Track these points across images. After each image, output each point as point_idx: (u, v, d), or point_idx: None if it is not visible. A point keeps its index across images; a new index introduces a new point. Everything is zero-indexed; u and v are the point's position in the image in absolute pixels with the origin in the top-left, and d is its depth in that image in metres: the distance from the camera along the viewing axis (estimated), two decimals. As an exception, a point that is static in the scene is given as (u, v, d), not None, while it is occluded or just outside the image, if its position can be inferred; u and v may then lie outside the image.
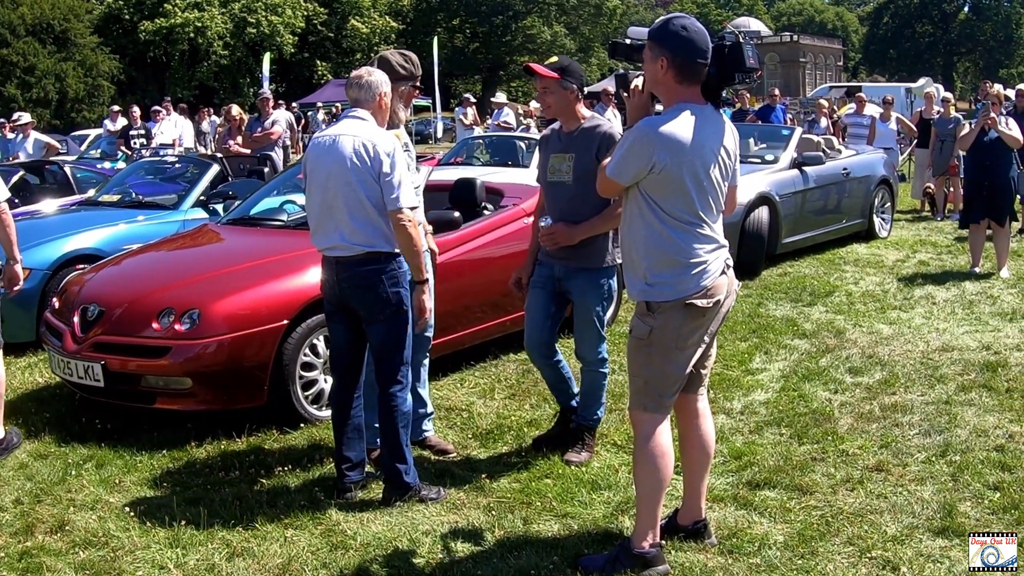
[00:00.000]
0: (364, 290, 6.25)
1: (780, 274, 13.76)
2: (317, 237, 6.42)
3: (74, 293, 8.54)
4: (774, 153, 15.62)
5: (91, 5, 67.47)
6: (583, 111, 6.93)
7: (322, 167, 6.29)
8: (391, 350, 6.40)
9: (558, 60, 6.93)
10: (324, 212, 6.30)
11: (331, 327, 6.61)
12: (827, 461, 6.90)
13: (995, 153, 13.20)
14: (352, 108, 6.48)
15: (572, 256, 6.87)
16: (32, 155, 19.53)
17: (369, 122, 6.37)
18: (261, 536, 5.94)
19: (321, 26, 75.59)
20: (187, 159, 15.62)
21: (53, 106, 59.94)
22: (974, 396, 8.27)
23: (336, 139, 6.28)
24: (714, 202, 5.14)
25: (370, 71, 6.58)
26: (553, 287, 7.07)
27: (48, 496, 6.68)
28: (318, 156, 6.34)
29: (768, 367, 9.25)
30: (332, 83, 63.16)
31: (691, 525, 5.65)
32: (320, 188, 6.30)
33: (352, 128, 6.32)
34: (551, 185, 6.97)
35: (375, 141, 6.22)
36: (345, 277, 6.29)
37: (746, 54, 5.14)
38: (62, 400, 8.75)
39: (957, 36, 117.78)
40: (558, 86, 6.79)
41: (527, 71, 6.92)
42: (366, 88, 6.47)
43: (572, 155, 6.79)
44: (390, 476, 6.42)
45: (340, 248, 6.26)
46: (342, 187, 6.19)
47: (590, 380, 7.15)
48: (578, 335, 7.14)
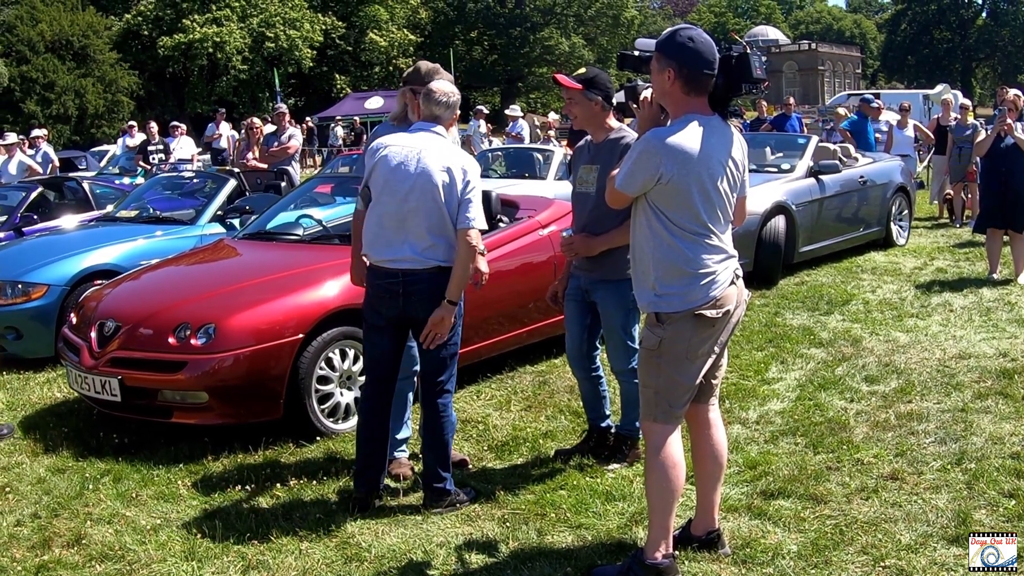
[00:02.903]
0: (434, 303, 6.26)
1: (797, 283, 13.73)
2: (378, 247, 6.41)
3: (91, 308, 8.59)
4: (790, 162, 15.58)
5: (110, 21, 67.72)
6: (611, 122, 6.96)
7: (402, 180, 6.29)
8: (447, 362, 6.48)
9: (586, 71, 6.97)
10: (396, 224, 6.31)
11: (374, 338, 6.59)
12: (842, 470, 6.89)
13: (1011, 159, 13.11)
14: (429, 123, 6.49)
15: (594, 267, 6.91)
16: (15, 176, 19.36)
17: (447, 139, 6.44)
18: (276, 549, 5.96)
19: (339, 40, 75.72)
20: (204, 174, 15.67)
21: (73, 122, 60.19)
22: (990, 403, 8.25)
23: (422, 154, 6.30)
24: (722, 213, 5.15)
25: (454, 90, 6.60)
26: (583, 298, 7.13)
27: (65, 510, 6.71)
28: (396, 168, 6.33)
29: (784, 376, 9.23)
30: (351, 97, 63.24)
31: (704, 535, 5.65)
32: (398, 200, 6.30)
33: (436, 144, 6.36)
34: (578, 196, 7.04)
35: (465, 163, 6.34)
36: (416, 290, 6.30)
37: (753, 65, 5.16)
38: (80, 415, 8.79)
39: (975, 42, 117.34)
40: (582, 97, 6.82)
41: (555, 82, 6.99)
42: (452, 108, 6.54)
43: (597, 166, 6.82)
44: (434, 484, 6.47)
45: (409, 260, 6.28)
46: (426, 202, 6.23)
47: (625, 390, 7.15)
48: (608, 346, 7.17)
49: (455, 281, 6.25)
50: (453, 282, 6.25)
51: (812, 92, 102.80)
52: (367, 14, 77.07)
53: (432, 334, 6.28)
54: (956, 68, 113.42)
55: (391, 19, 78.65)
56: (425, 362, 6.50)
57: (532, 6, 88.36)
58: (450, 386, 6.53)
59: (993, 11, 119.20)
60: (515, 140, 25.76)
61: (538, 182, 16.61)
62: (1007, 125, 12.85)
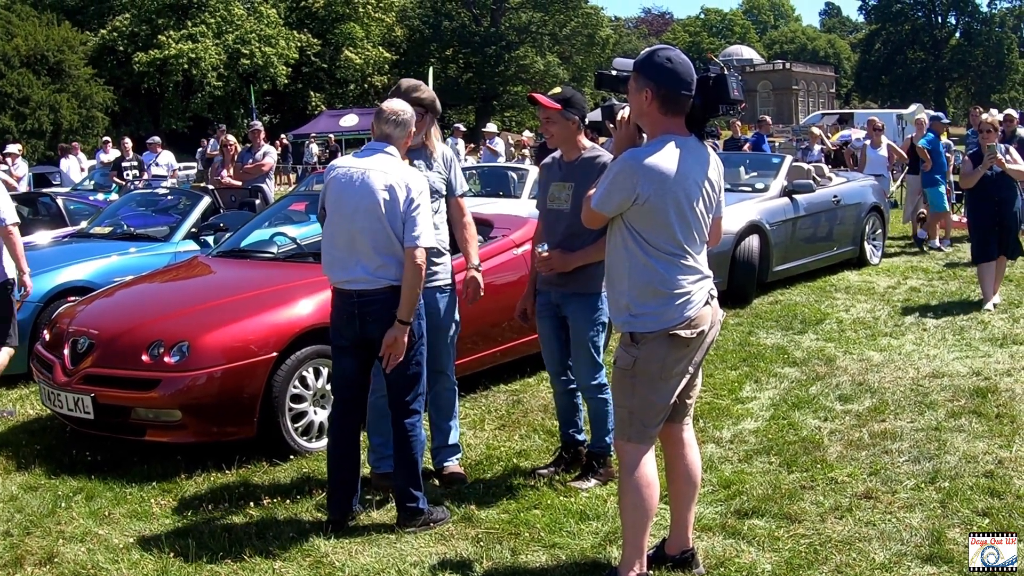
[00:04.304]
0: (389, 322, 6.24)
1: (771, 302, 13.76)
2: (334, 270, 6.42)
3: (64, 325, 8.55)
4: (764, 181, 15.66)
5: (85, 36, 67.51)
6: (584, 141, 7.00)
7: (349, 201, 6.29)
8: (412, 381, 6.47)
9: (561, 91, 6.99)
10: (346, 245, 6.31)
11: (340, 360, 6.59)
12: (816, 489, 6.90)
13: (1002, 187, 12.87)
14: (381, 143, 6.47)
15: (566, 282, 6.92)
16: None
17: (397, 158, 6.42)
18: (249, 568, 5.94)
19: (315, 57, 75.71)
20: (179, 191, 15.63)
21: (47, 137, 59.84)
22: (964, 422, 8.28)
23: (366, 174, 6.29)
24: (698, 233, 5.16)
25: (405, 108, 6.57)
26: (555, 313, 7.15)
27: (38, 528, 6.67)
28: (343, 189, 6.34)
29: (758, 395, 9.25)
30: (325, 114, 63.26)
31: (679, 555, 5.65)
32: (346, 221, 6.31)
33: (383, 164, 6.34)
34: (550, 213, 7.04)
35: (407, 179, 6.30)
36: (370, 311, 6.29)
37: (730, 86, 5.18)
38: (53, 432, 8.74)
39: (949, 62, 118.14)
40: (560, 116, 6.85)
41: (531, 101, 7.02)
42: (403, 126, 6.50)
43: (571, 184, 6.84)
44: (407, 503, 6.46)
45: (362, 281, 6.27)
46: (372, 222, 6.22)
47: (592, 408, 7.19)
48: (574, 362, 7.18)
49: (405, 301, 6.23)
50: (403, 302, 6.23)
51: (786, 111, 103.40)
52: (343, 31, 77.10)
53: (387, 355, 6.27)
54: (930, 88, 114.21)
55: (367, 37, 78.69)
56: (390, 383, 6.50)
57: (507, 25, 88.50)
58: (417, 405, 6.50)
59: (966, 31, 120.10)
60: (493, 155, 25.79)
61: (512, 201, 16.59)
62: (998, 160, 12.53)
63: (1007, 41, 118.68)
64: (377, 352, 6.37)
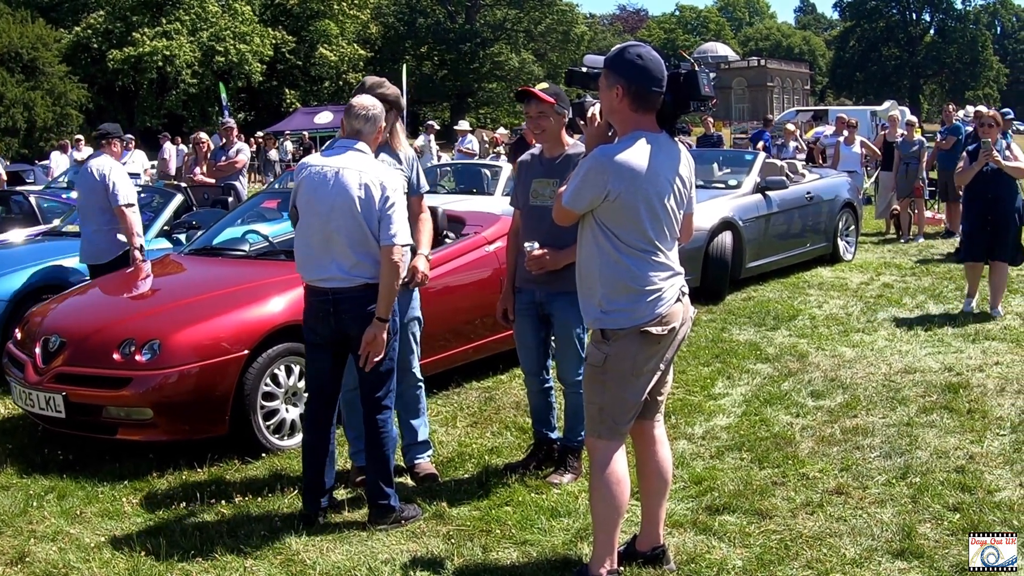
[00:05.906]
0: (365, 320, 6.25)
1: (744, 299, 13.79)
2: (308, 268, 6.41)
3: (36, 324, 8.53)
4: (737, 178, 15.71)
5: (60, 34, 67.17)
6: (567, 137, 7.03)
7: (323, 199, 6.27)
8: (384, 378, 6.47)
9: (548, 86, 7.00)
10: (321, 244, 6.30)
11: (315, 357, 6.58)
12: (787, 485, 6.92)
13: (997, 184, 12.30)
14: (351, 139, 6.45)
15: (552, 280, 6.90)
16: None
17: (369, 155, 6.41)
18: (221, 566, 5.92)
19: (289, 54, 75.49)
20: (151, 189, 15.55)
21: (21, 135, 59.56)
22: (935, 418, 8.31)
23: (340, 172, 6.27)
24: (669, 230, 5.17)
25: (375, 103, 6.55)
26: (536, 312, 7.14)
27: (9, 528, 6.64)
28: (317, 188, 6.31)
29: (730, 392, 9.27)
30: (300, 111, 63.00)
31: (649, 551, 5.66)
32: (321, 220, 6.29)
33: (356, 162, 6.32)
34: (533, 209, 7.02)
35: (382, 178, 6.29)
36: (346, 308, 6.29)
37: (701, 82, 5.18)
38: (24, 431, 8.72)
39: (923, 59, 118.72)
40: (554, 111, 6.88)
41: (523, 95, 7.00)
42: (372, 121, 6.47)
43: (556, 180, 6.81)
44: (379, 500, 6.46)
45: (337, 280, 6.26)
46: (347, 221, 6.21)
47: (572, 402, 7.17)
48: (559, 357, 7.18)
49: (382, 298, 6.23)
50: (381, 299, 6.23)
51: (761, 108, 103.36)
52: (317, 29, 76.88)
53: (367, 353, 6.27)
54: (904, 85, 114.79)
55: (341, 34, 78.52)
56: (361, 379, 6.49)
57: (482, 22, 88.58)
58: (388, 402, 6.51)
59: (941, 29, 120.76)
60: (466, 155, 25.75)
61: (486, 198, 16.59)
62: (993, 157, 12.05)
63: (981, 38, 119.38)
64: (352, 349, 6.37)
